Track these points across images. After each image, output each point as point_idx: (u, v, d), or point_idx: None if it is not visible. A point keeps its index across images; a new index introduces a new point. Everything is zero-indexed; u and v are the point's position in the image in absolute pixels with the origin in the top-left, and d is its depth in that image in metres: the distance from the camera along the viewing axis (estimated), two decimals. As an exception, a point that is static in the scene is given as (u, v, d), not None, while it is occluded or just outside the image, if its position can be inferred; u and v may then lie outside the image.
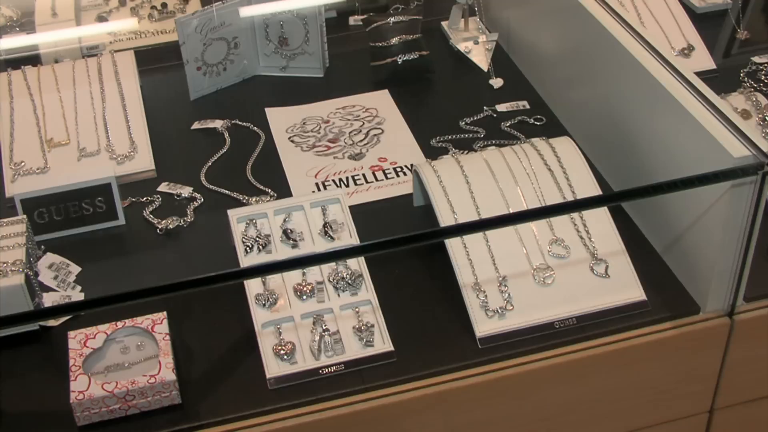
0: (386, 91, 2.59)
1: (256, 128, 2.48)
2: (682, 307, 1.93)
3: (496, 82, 2.60)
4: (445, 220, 1.98)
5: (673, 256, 2.00)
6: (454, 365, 1.83)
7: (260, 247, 1.97)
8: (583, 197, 2.02)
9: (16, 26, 2.90)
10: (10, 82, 2.52)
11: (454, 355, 1.85)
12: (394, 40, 2.57)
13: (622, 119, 2.12)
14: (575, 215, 1.99)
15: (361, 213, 2.10)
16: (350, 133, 2.43)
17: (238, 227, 2.01)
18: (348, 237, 2.00)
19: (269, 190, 2.25)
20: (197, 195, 2.26)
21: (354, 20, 2.90)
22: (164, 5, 2.97)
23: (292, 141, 2.42)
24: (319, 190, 2.25)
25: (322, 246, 1.99)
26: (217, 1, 2.56)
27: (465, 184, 2.03)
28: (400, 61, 2.57)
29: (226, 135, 2.46)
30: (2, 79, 2.53)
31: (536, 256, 1.96)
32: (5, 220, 2.01)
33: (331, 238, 1.99)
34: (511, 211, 2.00)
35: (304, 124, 2.48)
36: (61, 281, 2.05)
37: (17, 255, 1.92)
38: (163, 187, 2.29)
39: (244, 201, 2.22)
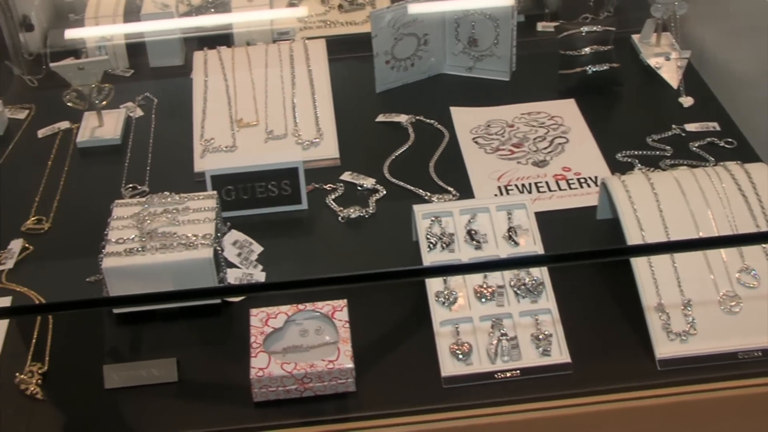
0: (572, 100, 2.56)
1: (440, 126, 2.48)
2: None
3: (686, 101, 2.54)
4: (632, 237, 1.94)
5: None
6: (631, 384, 1.80)
7: (444, 245, 1.97)
8: (779, 228, 1.96)
9: (211, 7, 2.97)
10: (205, 60, 2.58)
11: (631, 374, 1.81)
12: (586, 50, 2.54)
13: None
14: (768, 246, 1.94)
15: (542, 220, 2.08)
16: (534, 139, 2.41)
17: (422, 223, 2.02)
18: (532, 244, 1.98)
19: (451, 189, 2.25)
20: (379, 187, 2.27)
21: (543, 26, 2.88)
22: (354, -3, 3.01)
23: (476, 142, 2.41)
24: (501, 193, 2.24)
25: (505, 250, 1.97)
26: (412, -3, 2.58)
27: (654, 202, 1.99)
28: (589, 71, 2.54)
29: (410, 130, 2.47)
30: (198, 57, 2.60)
31: (724, 283, 1.90)
32: (198, 194, 2.07)
33: (515, 243, 1.98)
34: (702, 235, 1.95)
35: (488, 126, 2.47)
36: (244, 259, 2.09)
37: (207, 229, 1.97)
38: (346, 176, 2.31)
39: (426, 197, 2.22)
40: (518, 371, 1.80)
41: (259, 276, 2.06)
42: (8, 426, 1.80)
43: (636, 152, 2.35)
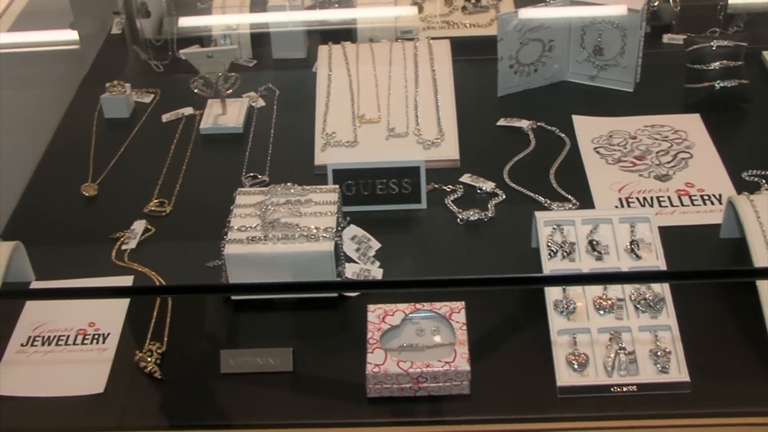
0: (698, 115, 2.51)
1: (561, 133, 2.46)
2: None
3: (817, 122, 2.49)
4: (759, 258, 1.90)
5: None
6: (752, 409, 1.76)
7: (564, 253, 1.96)
8: None
9: (335, 2, 2.99)
10: (330, 54, 2.61)
11: (751, 397, 1.77)
12: (715, 65, 2.49)
13: None
14: None
15: (663, 235, 2.05)
16: (657, 153, 2.38)
17: (543, 230, 2.00)
18: (654, 258, 1.95)
19: (571, 198, 2.23)
20: (499, 191, 2.26)
21: (669, 38, 2.84)
22: (478, -1, 3.01)
23: (598, 152, 2.39)
24: (621, 205, 2.21)
25: (627, 263, 1.95)
26: (541, 2, 2.56)
27: (784, 224, 1.95)
28: (717, 86, 2.49)
29: (531, 136, 2.45)
30: (323, 51, 2.63)
31: None
32: (320, 187, 2.08)
33: (637, 256, 1.95)
34: (832, 261, 1.90)
35: (610, 136, 2.44)
36: (362, 254, 2.10)
37: (329, 222, 1.99)
38: (465, 178, 2.31)
39: (546, 204, 2.21)
40: (635, 386, 1.78)
41: (377, 272, 2.06)
42: (126, 401, 1.83)
43: (763, 172, 2.30)
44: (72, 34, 2.76)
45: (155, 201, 2.32)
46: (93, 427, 1.81)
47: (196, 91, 2.52)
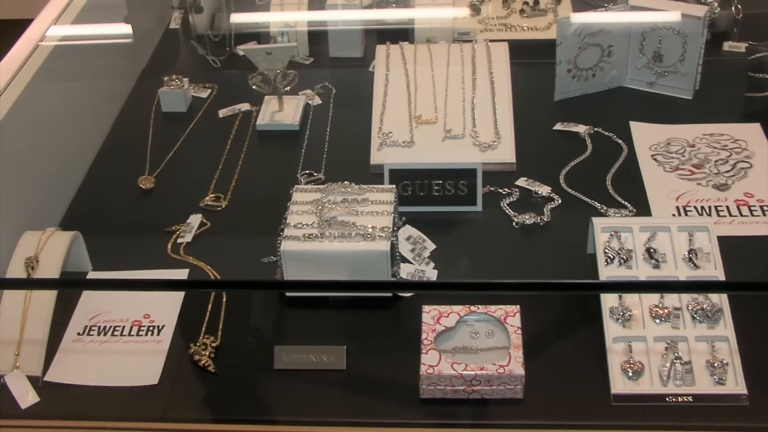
0: (758, 125, 2.48)
1: (618, 140, 2.44)
2: None
3: None
4: (820, 270, 1.88)
5: None
6: (809, 423, 1.74)
7: (621, 260, 1.94)
8: None
9: (392, 2, 2.99)
10: (388, 54, 2.61)
11: (810, 413, 1.75)
12: (777, 74, 2.47)
13: None
14: None
15: (721, 245, 2.03)
16: (716, 161, 2.35)
17: (601, 237, 1.99)
18: (712, 269, 1.93)
19: (628, 204, 2.21)
20: (555, 195, 2.25)
21: (730, 45, 2.81)
22: (536, 2, 2.99)
23: (655, 159, 2.37)
24: (679, 214, 2.19)
25: (684, 272, 1.93)
26: (600, 7, 2.54)
27: None
28: (779, 96, 2.47)
29: (588, 141, 2.44)
30: (381, 51, 2.63)
31: None
32: (377, 186, 2.08)
33: (695, 266, 1.93)
34: None
35: (668, 144, 2.42)
36: (417, 255, 2.10)
37: (385, 222, 1.99)
38: (521, 182, 2.30)
39: (602, 210, 2.19)
40: (690, 397, 1.76)
41: (431, 273, 2.06)
42: (180, 394, 1.85)
43: (824, 185, 2.27)
44: (126, 28, 2.79)
45: (211, 195, 2.33)
46: (146, 418, 1.82)
47: (254, 87, 2.53)
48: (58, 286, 2.00)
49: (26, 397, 1.85)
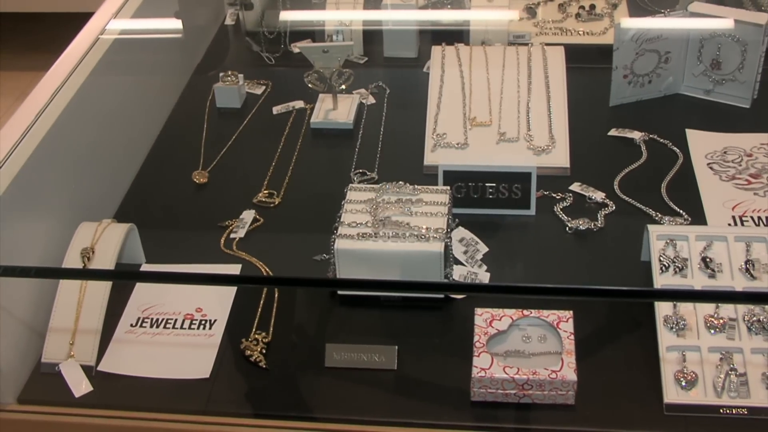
0: (817, 135, 2.46)
1: (674, 147, 2.42)
2: None
3: None
4: None
5: None
6: None
7: (677, 269, 1.93)
8: None
9: (447, 3, 2.99)
10: (443, 55, 2.60)
11: None
12: (838, 85, 2.43)
13: None
14: None
15: (777, 257, 2.01)
16: (774, 171, 2.33)
17: (656, 244, 1.97)
18: (770, 280, 1.92)
19: (683, 213, 2.20)
20: (609, 201, 2.24)
21: (789, 55, 2.77)
22: (593, 6, 2.97)
23: (711, 168, 2.35)
24: (734, 224, 2.17)
25: (741, 282, 1.91)
26: (658, 13, 2.53)
27: None
28: (839, 107, 2.43)
29: (643, 148, 2.42)
30: (436, 52, 2.63)
31: None
32: (431, 187, 2.08)
33: (752, 276, 1.91)
34: None
35: (724, 152, 2.40)
36: (470, 257, 2.10)
37: (439, 223, 1.99)
38: (575, 187, 2.29)
39: (657, 218, 2.18)
40: (745, 410, 1.75)
41: (483, 276, 2.06)
42: (231, 388, 1.86)
43: None
44: (176, 23, 2.81)
45: (264, 192, 2.34)
46: (196, 411, 1.83)
47: (309, 85, 2.54)
48: (113, 278, 2.02)
49: (80, 385, 1.87)
